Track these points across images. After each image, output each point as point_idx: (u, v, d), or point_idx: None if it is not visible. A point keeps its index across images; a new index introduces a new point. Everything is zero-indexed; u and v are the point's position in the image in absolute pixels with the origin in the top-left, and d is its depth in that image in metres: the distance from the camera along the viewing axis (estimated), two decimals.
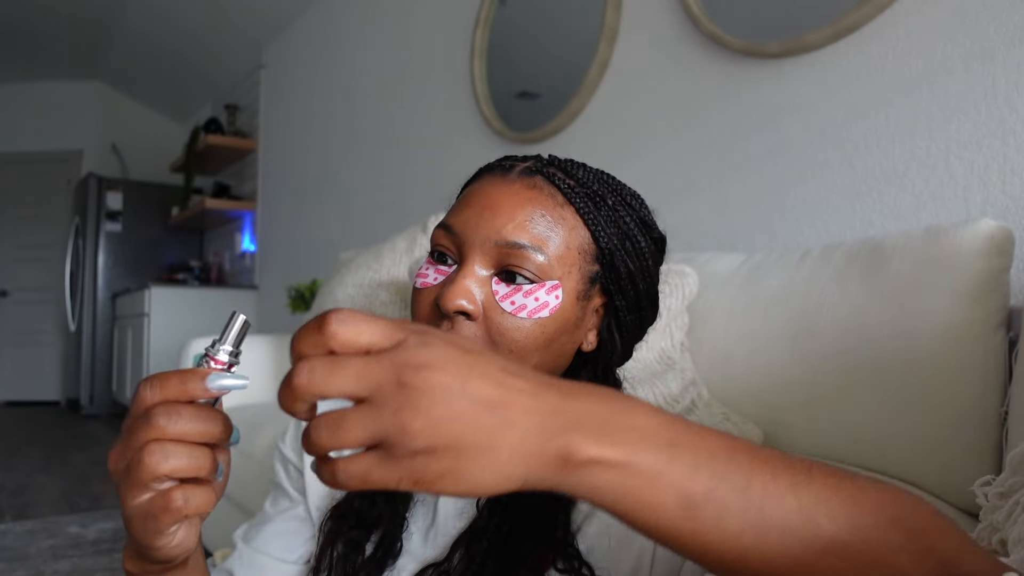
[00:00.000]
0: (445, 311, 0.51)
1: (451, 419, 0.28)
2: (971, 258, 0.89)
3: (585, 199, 0.54)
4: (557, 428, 0.30)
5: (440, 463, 0.28)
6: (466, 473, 0.29)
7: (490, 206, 0.53)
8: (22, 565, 1.85)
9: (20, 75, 5.47)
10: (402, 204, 2.84)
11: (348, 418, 0.29)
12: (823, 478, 0.32)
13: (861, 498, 0.31)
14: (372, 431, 0.29)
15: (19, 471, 3.08)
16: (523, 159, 0.57)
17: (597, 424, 0.30)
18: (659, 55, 1.72)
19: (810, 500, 0.31)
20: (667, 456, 0.30)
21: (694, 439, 0.31)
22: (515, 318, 0.51)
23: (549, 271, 0.52)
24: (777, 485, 0.31)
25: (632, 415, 0.31)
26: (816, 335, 1.02)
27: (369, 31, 3.14)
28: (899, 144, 1.24)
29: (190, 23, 4.21)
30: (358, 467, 0.30)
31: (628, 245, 0.56)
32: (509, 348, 0.52)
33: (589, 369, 0.59)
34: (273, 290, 4.02)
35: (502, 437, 0.29)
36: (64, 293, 5.19)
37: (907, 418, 0.92)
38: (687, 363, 1.17)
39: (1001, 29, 1.11)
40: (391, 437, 0.29)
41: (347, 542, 0.58)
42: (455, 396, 0.29)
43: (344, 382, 0.29)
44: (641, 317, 0.59)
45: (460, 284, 0.51)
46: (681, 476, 0.30)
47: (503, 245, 0.51)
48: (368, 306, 1.64)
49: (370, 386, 0.29)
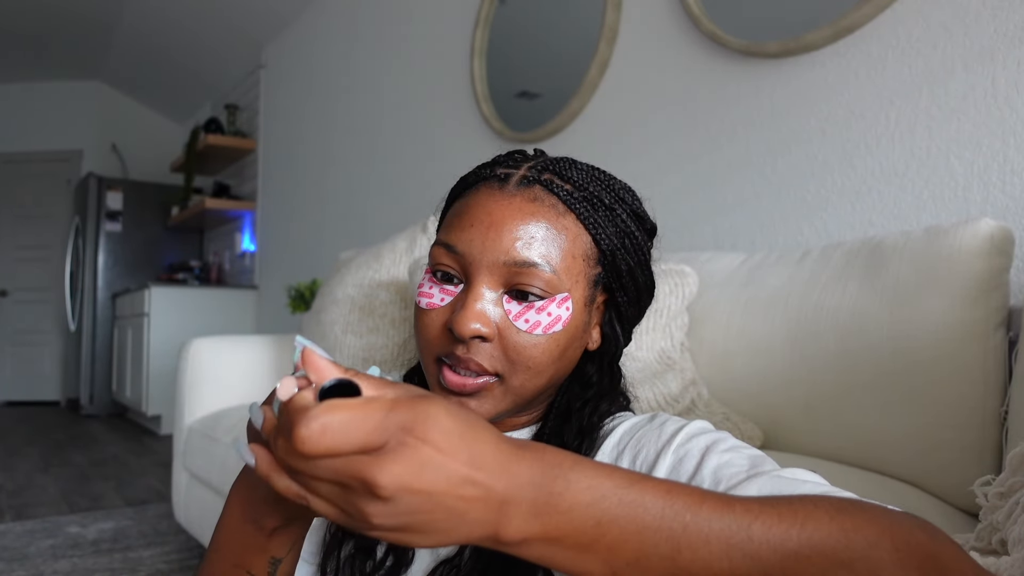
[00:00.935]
0: (460, 337, 0.51)
1: (411, 515, 0.32)
2: (971, 258, 0.89)
3: (584, 204, 0.54)
4: (499, 518, 0.33)
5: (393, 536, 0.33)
6: (417, 543, 0.34)
7: (494, 224, 0.52)
8: (22, 565, 1.85)
9: (20, 75, 5.47)
10: (402, 204, 2.84)
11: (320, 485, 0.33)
12: (763, 533, 0.33)
13: (811, 544, 0.33)
14: (338, 505, 0.33)
15: (19, 471, 3.08)
16: (514, 164, 0.56)
17: (532, 511, 0.34)
18: (659, 55, 1.72)
19: (743, 560, 0.33)
20: (592, 536, 0.34)
21: (624, 514, 0.34)
22: (531, 336, 0.51)
23: (558, 284, 0.52)
24: (709, 551, 0.33)
25: (566, 498, 0.34)
26: (816, 335, 1.02)
27: (369, 31, 3.14)
28: (899, 144, 1.24)
29: (190, 23, 4.21)
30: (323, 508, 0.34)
31: (627, 242, 0.56)
32: (527, 366, 0.52)
33: (595, 364, 0.59)
34: (273, 290, 4.02)
35: (454, 528, 0.33)
36: (64, 293, 5.19)
37: (907, 418, 0.92)
38: (687, 363, 1.17)
39: (1001, 29, 1.11)
40: (354, 517, 0.33)
41: (357, 547, 0.58)
42: (419, 502, 0.32)
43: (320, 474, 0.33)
44: (640, 306, 0.60)
45: (473, 308, 0.51)
46: (605, 551, 0.34)
47: (512, 264, 0.51)
48: (368, 306, 1.64)
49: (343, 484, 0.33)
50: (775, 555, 0.33)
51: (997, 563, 0.51)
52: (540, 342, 0.52)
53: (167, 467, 3.11)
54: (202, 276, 4.83)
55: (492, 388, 0.52)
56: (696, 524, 0.33)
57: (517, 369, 0.52)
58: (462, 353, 0.51)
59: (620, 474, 0.35)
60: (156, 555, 1.95)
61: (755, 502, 0.35)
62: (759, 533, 0.33)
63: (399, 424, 0.32)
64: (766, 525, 0.33)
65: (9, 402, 5.63)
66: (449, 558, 0.55)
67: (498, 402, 0.53)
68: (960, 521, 0.86)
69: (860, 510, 0.34)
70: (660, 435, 0.50)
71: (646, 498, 0.34)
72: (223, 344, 2.01)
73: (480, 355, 0.51)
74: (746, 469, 0.44)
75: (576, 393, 0.58)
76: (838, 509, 0.34)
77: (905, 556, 0.32)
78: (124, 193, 4.96)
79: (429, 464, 0.32)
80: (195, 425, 1.88)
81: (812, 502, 0.35)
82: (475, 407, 0.52)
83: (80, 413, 4.98)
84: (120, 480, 2.90)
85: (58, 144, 5.69)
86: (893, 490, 0.90)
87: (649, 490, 0.34)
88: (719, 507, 0.34)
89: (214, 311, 4.26)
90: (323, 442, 0.32)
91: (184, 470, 1.91)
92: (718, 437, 0.48)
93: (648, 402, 1.11)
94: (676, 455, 0.48)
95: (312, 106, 3.68)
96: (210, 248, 5.20)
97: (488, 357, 0.52)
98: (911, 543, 0.32)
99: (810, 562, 0.32)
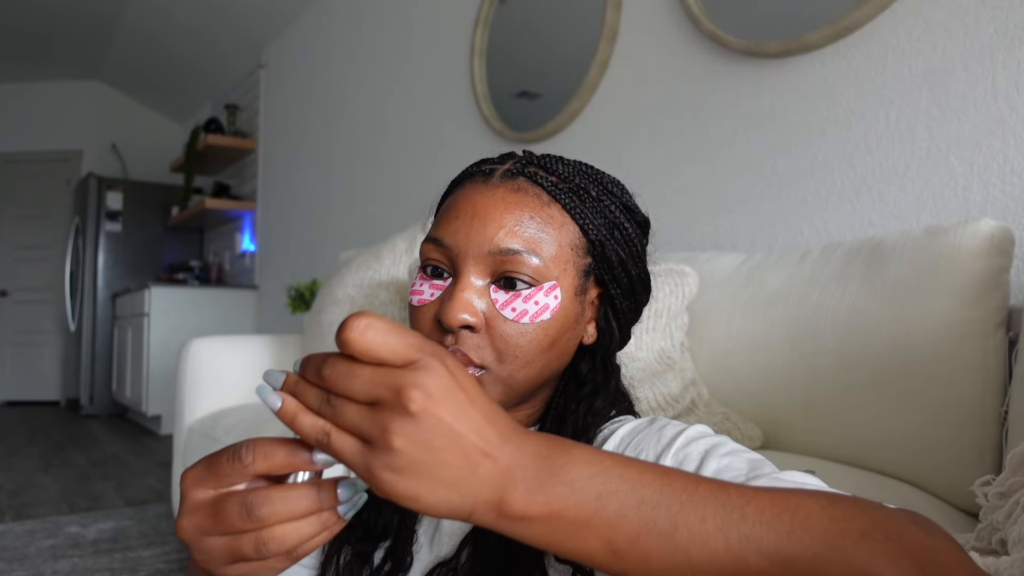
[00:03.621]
0: (448, 327, 0.51)
1: (429, 450, 0.32)
2: (971, 258, 0.89)
3: (569, 194, 0.54)
4: (505, 482, 0.34)
5: (404, 481, 0.33)
6: (423, 496, 0.33)
7: (478, 215, 0.52)
8: (22, 565, 1.85)
9: (20, 75, 5.47)
10: (402, 204, 2.84)
11: (348, 407, 0.33)
12: (757, 514, 0.34)
13: (804, 527, 0.33)
14: (363, 429, 0.33)
15: (19, 471, 3.07)
16: (501, 161, 0.57)
17: (536, 480, 0.34)
18: (659, 55, 1.72)
19: (739, 540, 0.33)
20: (593, 509, 0.34)
21: (623, 488, 0.34)
22: (518, 324, 0.51)
23: (545, 272, 0.52)
24: (705, 528, 0.34)
25: (568, 470, 0.35)
26: (816, 335, 1.02)
27: (369, 31, 3.14)
28: (899, 144, 1.24)
29: (190, 23, 4.21)
30: (343, 442, 0.34)
31: (617, 234, 0.56)
32: (515, 355, 0.52)
33: (588, 360, 0.59)
34: (273, 290, 4.02)
35: (464, 480, 0.33)
36: (64, 293, 5.19)
37: (907, 418, 0.92)
38: (687, 363, 1.17)
39: (1001, 29, 1.11)
40: (376, 442, 0.33)
41: (354, 553, 0.58)
42: (439, 432, 0.32)
43: (355, 386, 0.33)
44: (636, 301, 0.60)
45: (459, 298, 0.51)
46: (606, 526, 0.34)
47: (497, 253, 0.51)
48: (368, 306, 1.64)
49: (375, 396, 0.33)
50: (769, 535, 0.33)
51: (997, 563, 0.51)
52: (528, 331, 0.52)
53: (167, 467, 3.11)
54: (202, 276, 4.83)
55: (482, 380, 0.52)
56: (692, 502, 0.34)
57: (505, 359, 0.52)
58: (450, 344, 0.51)
59: (618, 455, 0.36)
60: (156, 555, 1.95)
61: (749, 488, 0.35)
62: (753, 513, 0.34)
63: (432, 351, 0.34)
64: (760, 508, 0.34)
65: (9, 402, 5.62)
66: (446, 560, 0.55)
67: (491, 392, 0.53)
68: (960, 521, 0.86)
69: (853, 503, 0.35)
70: (660, 439, 0.50)
71: (644, 476, 0.35)
72: (223, 344, 2.01)
73: (468, 346, 0.51)
74: (745, 472, 0.44)
75: (572, 393, 0.58)
76: (830, 500, 0.34)
77: (898, 547, 0.32)
78: (124, 193, 4.96)
79: (454, 397, 0.33)
80: (195, 425, 1.88)
81: (805, 492, 0.35)
82: None
83: (80, 413, 4.98)
84: (120, 480, 2.90)
85: (58, 144, 5.68)
86: (893, 490, 0.90)
87: (646, 470, 0.36)
88: (714, 488, 0.35)
89: (214, 311, 4.26)
90: (365, 338, 0.33)
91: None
92: (717, 441, 0.49)
93: (648, 402, 1.11)
94: (675, 459, 0.48)
95: (312, 106, 3.68)
96: (210, 248, 5.20)
97: (476, 348, 0.52)
98: (904, 535, 0.33)
99: (803, 545, 0.33)
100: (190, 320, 4.15)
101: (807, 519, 0.33)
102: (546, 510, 0.34)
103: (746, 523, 0.33)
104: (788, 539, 0.33)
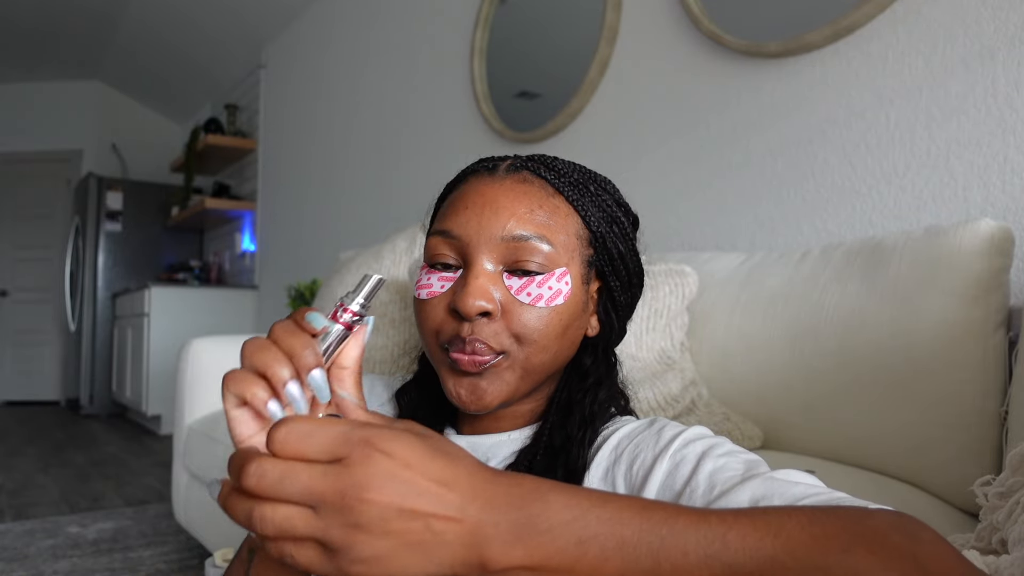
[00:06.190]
0: (465, 315, 0.51)
1: (388, 534, 0.32)
2: (971, 258, 0.89)
3: (572, 187, 0.56)
4: (478, 541, 0.33)
5: (377, 566, 0.32)
6: (400, 574, 0.33)
7: (489, 204, 0.53)
8: (22, 565, 1.85)
9: (20, 75, 5.47)
10: (402, 204, 2.84)
11: (294, 519, 0.32)
12: (739, 541, 0.34)
13: (786, 550, 0.33)
14: (317, 537, 0.32)
15: (19, 471, 3.07)
16: (502, 159, 0.58)
17: (512, 533, 0.33)
18: (659, 55, 1.72)
19: (723, 570, 0.33)
20: (575, 554, 0.33)
21: (603, 531, 0.34)
22: (534, 308, 0.52)
23: (556, 259, 0.53)
24: (687, 562, 0.33)
25: (546, 517, 0.34)
26: (816, 335, 1.02)
27: (369, 31, 3.14)
28: (899, 144, 1.24)
29: (190, 23, 4.21)
30: (305, 555, 0.33)
31: (615, 228, 0.58)
32: (533, 339, 0.53)
33: (591, 353, 0.60)
34: (273, 290, 4.02)
35: (433, 550, 0.33)
36: (64, 293, 5.19)
37: (907, 418, 0.92)
38: (687, 363, 1.17)
39: (1001, 29, 1.11)
40: (334, 544, 0.32)
41: None
42: (392, 516, 0.32)
43: (292, 492, 0.32)
44: (632, 295, 0.61)
45: (475, 285, 0.52)
46: (590, 570, 0.34)
47: (509, 240, 0.52)
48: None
49: (315, 500, 0.32)
50: (752, 562, 0.33)
51: (997, 563, 0.51)
52: (544, 315, 0.53)
53: (167, 467, 3.11)
54: (202, 276, 4.83)
55: (500, 365, 0.53)
56: (673, 536, 0.34)
57: (524, 342, 0.53)
58: (467, 333, 0.52)
59: (595, 493, 0.36)
60: (156, 555, 1.95)
61: (729, 513, 0.35)
62: (735, 541, 0.33)
63: (361, 438, 0.33)
64: (740, 534, 0.34)
65: (9, 402, 5.62)
66: None
67: (509, 378, 0.54)
68: (960, 521, 0.86)
69: (834, 518, 0.34)
70: (658, 440, 0.51)
71: (623, 514, 0.34)
72: (223, 344, 2.01)
73: (485, 333, 0.52)
74: (741, 473, 0.45)
75: (576, 384, 0.59)
76: (810, 519, 0.34)
77: (881, 560, 0.32)
78: (124, 193, 4.96)
79: (397, 478, 0.32)
80: (195, 425, 1.88)
81: (785, 512, 0.35)
82: (486, 387, 0.53)
83: (80, 413, 4.98)
84: (120, 480, 2.90)
85: (58, 144, 5.68)
86: (892, 490, 0.90)
87: (625, 507, 0.35)
88: (694, 519, 0.35)
89: (214, 311, 4.26)
90: (289, 442, 0.33)
91: (184, 470, 1.91)
92: (715, 442, 0.49)
93: (648, 402, 1.11)
94: (673, 460, 0.48)
95: (312, 106, 3.68)
96: (210, 248, 5.20)
97: (493, 335, 0.52)
98: (887, 546, 0.33)
99: (786, 569, 0.33)
100: (190, 320, 4.15)
101: (788, 540, 0.33)
102: (527, 561, 0.33)
103: (728, 552, 0.33)
104: (771, 564, 0.33)
